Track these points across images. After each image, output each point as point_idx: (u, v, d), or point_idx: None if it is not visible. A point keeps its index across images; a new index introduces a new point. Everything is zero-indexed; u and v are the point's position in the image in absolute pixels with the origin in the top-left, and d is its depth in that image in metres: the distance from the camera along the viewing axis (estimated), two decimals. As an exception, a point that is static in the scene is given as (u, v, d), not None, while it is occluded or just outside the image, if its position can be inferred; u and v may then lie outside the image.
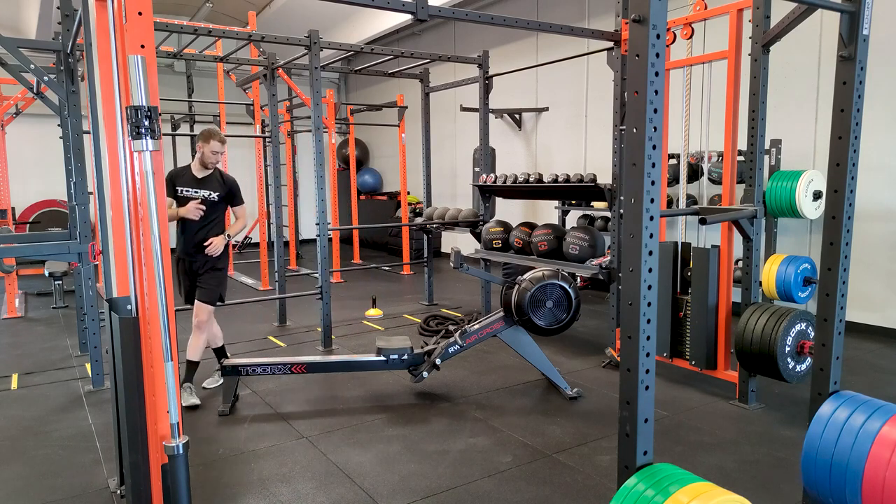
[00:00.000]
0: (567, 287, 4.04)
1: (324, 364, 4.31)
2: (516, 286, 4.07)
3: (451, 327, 4.26)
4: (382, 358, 4.03)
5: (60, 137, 5.19)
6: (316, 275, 5.52)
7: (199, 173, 4.18)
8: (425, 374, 4.05)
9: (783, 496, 2.85)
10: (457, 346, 4.10)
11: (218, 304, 4.22)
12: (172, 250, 3.60)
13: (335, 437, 3.56)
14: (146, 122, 1.97)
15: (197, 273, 4.19)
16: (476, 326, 4.17)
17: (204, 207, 4.06)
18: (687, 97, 4.28)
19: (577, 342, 5.48)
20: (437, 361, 4.03)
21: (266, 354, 5.24)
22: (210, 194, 4.14)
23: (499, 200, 6.87)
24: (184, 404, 3.86)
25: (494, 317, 4.20)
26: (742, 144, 4.16)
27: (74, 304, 5.85)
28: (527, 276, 4.09)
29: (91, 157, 3.10)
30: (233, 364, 3.95)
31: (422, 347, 4.23)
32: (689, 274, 4.20)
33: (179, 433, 2.13)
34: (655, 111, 1.78)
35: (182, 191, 4.11)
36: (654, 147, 1.80)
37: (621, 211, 4.65)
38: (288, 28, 7.10)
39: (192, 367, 4.16)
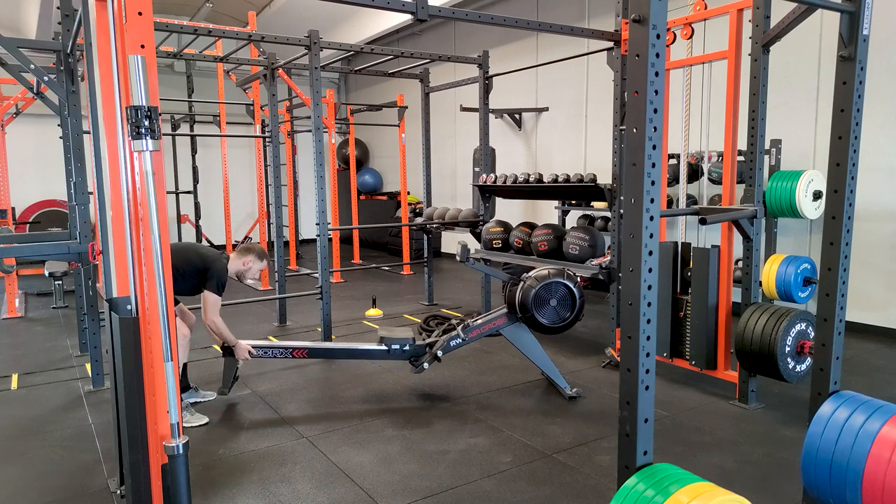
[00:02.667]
0: (571, 286, 4.04)
1: (326, 350, 4.26)
2: (521, 283, 4.07)
3: (451, 324, 4.26)
4: (384, 347, 4.02)
5: (60, 137, 5.19)
6: (316, 275, 5.52)
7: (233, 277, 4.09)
8: (426, 365, 4.04)
9: (783, 496, 2.85)
10: (459, 340, 4.09)
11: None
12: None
13: (335, 437, 3.56)
14: (146, 122, 1.97)
15: None
16: (479, 321, 4.16)
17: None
18: (687, 97, 4.28)
19: (577, 342, 5.48)
20: (439, 353, 4.02)
21: (266, 354, 5.24)
22: None
23: (499, 200, 6.87)
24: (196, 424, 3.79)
25: (498, 313, 4.19)
26: (742, 144, 4.16)
27: (74, 304, 5.84)
28: (532, 273, 4.09)
29: (91, 157, 3.10)
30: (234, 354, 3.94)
31: (423, 339, 4.22)
32: (689, 274, 4.20)
33: (179, 433, 2.12)
34: (655, 111, 1.78)
35: None
36: (654, 147, 1.80)
37: (621, 211, 4.64)
38: (288, 28, 7.10)
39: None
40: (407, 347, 4.05)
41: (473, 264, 4.37)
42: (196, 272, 3.87)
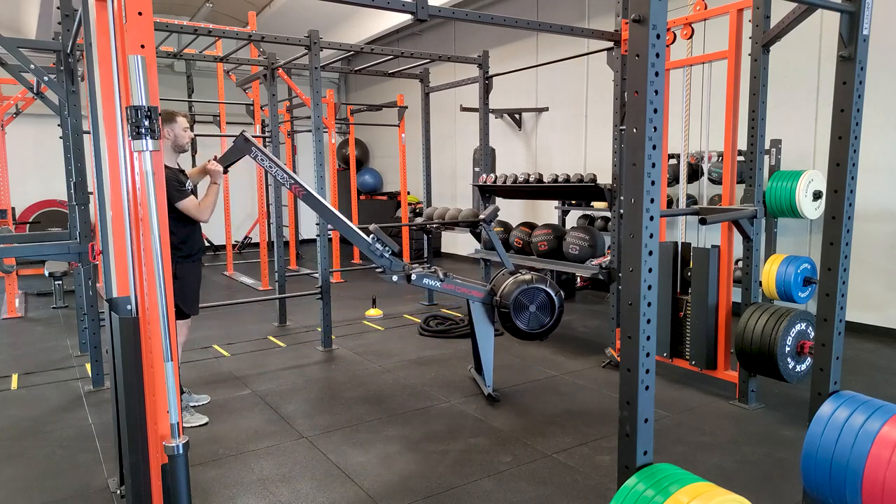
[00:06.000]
0: (552, 292, 4.03)
1: (319, 204, 4.05)
2: (510, 278, 4.07)
3: (437, 269, 4.19)
4: (370, 240, 3.99)
5: (60, 137, 5.19)
6: (316, 275, 5.52)
7: (176, 164, 3.76)
8: (395, 277, 4.04)
9: (783, 496, 2.85)
10: (435, 282, 4.06)
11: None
12: (188, 254, 3.54)
13: (335, 437, 3.56)
14: (146, 122, 1.97)
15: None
16: (459, 280, 4.15)
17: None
18: (687, 97, 4.28)
19: (577, 342, 5.48)
20: (413, 276, 4.02)
21: (266, 354, 5.24)
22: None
23: (499, 200, 6.86)
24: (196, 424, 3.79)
25: (481, 286, 4.17)
26: (742, 144, 4.16)
27: (74, 304, 5.85)
28: (516, 277, 4.08)
29: (91, 157, 3.10)
30: (249, 139, 3.90)
31: (408, 266, 4.18)
32: (689, 274, 4.20)
33: (179, 433, 2.12)
34: (655, 111, 1.78)
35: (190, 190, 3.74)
36: (654, 147, 1.80)
37: (621, 211, 4.64)
38: (288, 28, 7.10)
39: None
40: (388, 253, 4.02)
41: (491, 230, 4.32)
42: None
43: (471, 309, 4.15)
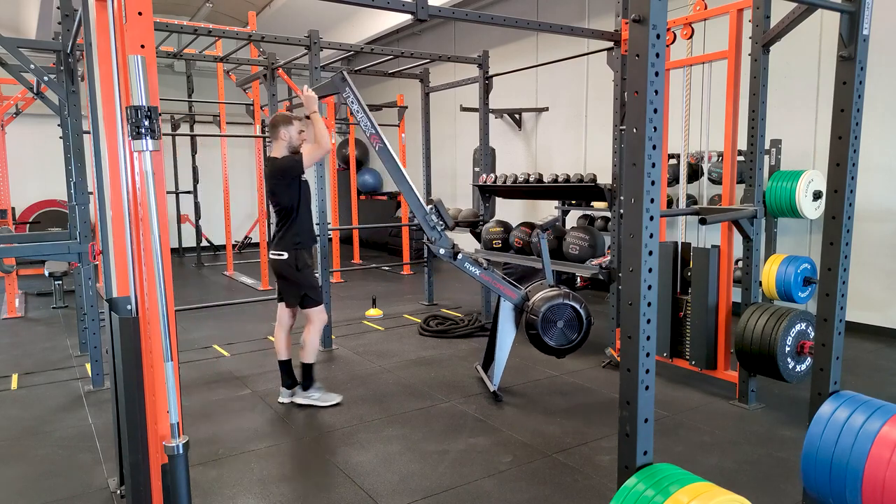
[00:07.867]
0: (584, 316, 4.04)
1: (391, 161, 4.21)
2: (550, 288, 4.08)
3: (478, 257, 4.21)
4: (427, 208, 4.11)
5: (60, 137, 5.19)
6: (316, 274, 5.52)
7: None
8: (441, 251, 4.10)
9: (783, 496, 2.85)
10: (476, 270, 4.11)
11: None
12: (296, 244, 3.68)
13: (335, 437, 3.56)
14: (146, 122, 1.96)
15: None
16: (498, 276, 4.20)
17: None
18: (687, 97, 4.28)
19: (577, 342, 5.48)
20: (459, 256, 4.10)
21: (266, 354, 5.24)
22: None
23: (499, 200, 6.86)
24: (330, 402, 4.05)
25: (516, 289, 4.18)
26: (742, 144, 4.17)
27: (74, 304, 5.85)
28: (565, 290, 4.10)
29: (91, 157, 3.10)
30: (346, 79, 4.21)
31: (457, 245, 4.25)
32: (689, 274, 4.20)
33: (179, 433, 2.12)
34: (655, 111, 1.78)
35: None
36: (654, 147, 1.80)
37: (621, 211, 4.64)
38: (288, 28, 7.10)
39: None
40: (440, 227, 4.11)
41: (543, 239, 4.35)
42: (291, 192, 3.90)
43: (500, 306, 4.18)
